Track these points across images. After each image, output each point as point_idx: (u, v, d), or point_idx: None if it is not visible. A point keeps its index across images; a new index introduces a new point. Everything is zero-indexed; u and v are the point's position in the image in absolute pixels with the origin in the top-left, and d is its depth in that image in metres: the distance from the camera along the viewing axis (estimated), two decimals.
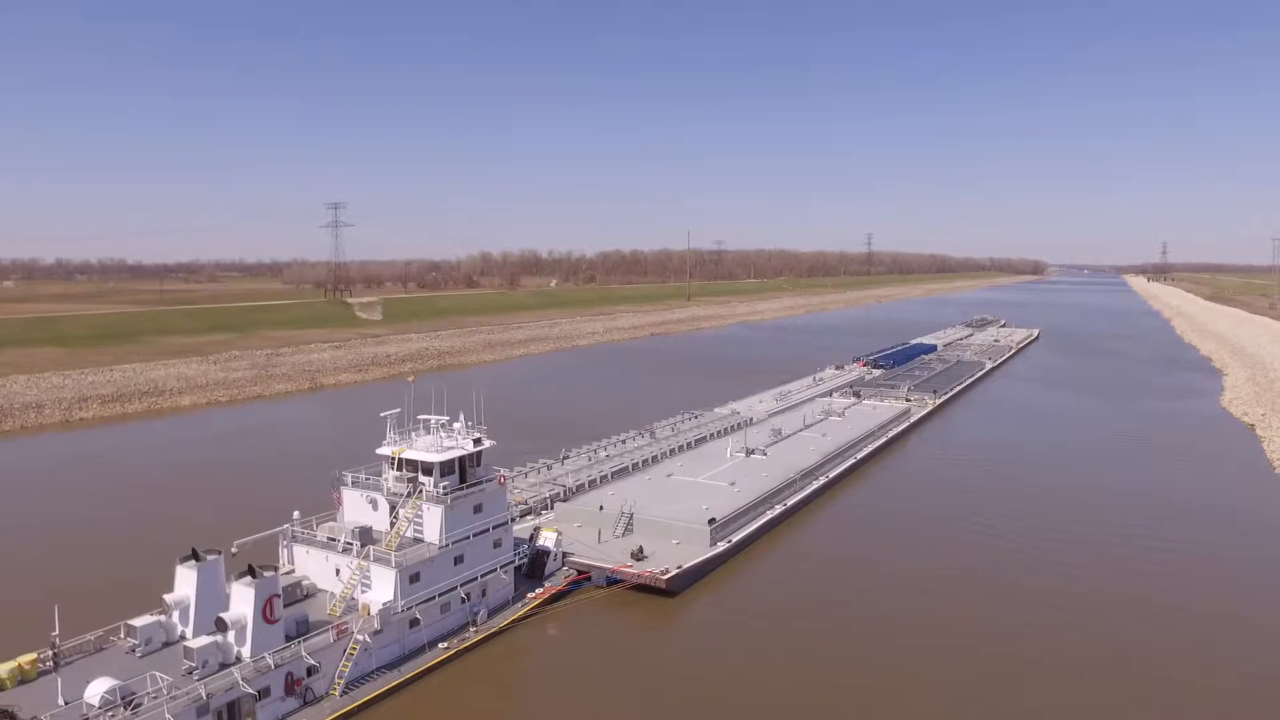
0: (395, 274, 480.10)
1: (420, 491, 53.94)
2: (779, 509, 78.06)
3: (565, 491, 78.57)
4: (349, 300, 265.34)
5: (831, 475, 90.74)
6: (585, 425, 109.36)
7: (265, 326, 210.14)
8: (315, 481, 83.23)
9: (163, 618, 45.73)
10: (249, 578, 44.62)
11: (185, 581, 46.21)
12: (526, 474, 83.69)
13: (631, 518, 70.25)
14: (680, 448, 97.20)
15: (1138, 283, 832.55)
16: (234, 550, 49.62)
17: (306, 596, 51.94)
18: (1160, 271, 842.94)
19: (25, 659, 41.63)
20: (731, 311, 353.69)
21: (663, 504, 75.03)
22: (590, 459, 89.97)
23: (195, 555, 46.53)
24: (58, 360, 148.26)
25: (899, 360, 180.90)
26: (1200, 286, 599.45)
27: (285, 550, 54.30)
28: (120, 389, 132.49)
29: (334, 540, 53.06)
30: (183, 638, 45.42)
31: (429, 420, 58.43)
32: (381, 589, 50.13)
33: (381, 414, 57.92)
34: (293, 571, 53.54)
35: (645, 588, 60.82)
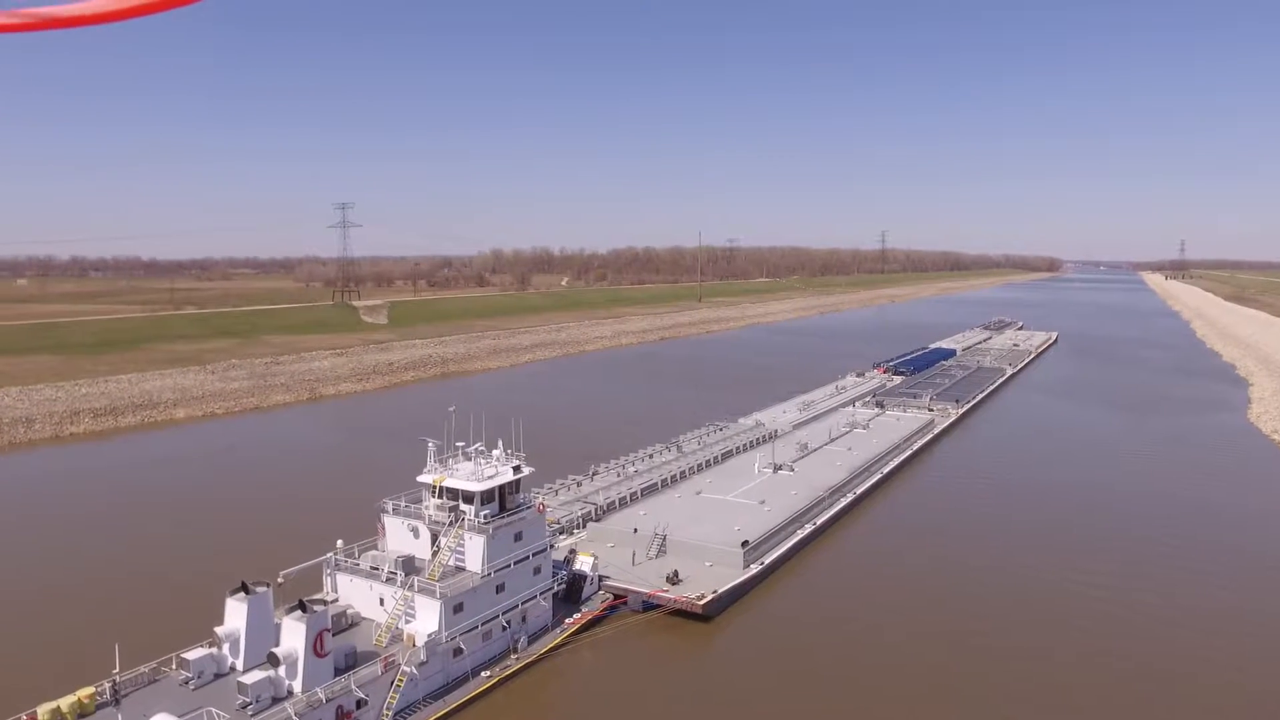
0: (406, 272, 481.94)
1: (462, 520, 54.31)
2: (809, 528, 78.14)
3: (597, 510, 78.89)
4: (354, 304, 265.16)
5: (859, 492, 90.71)
6: (591, 444, 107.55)
7: (268, 331, 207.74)
8: (308, 506, 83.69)
9: (214, 650, 46.31)
10: (300, 612, 45.10)
11: (235, 614, 46.78)
12: (557, 491, 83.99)
13: (665, 539, 70.48)
14: (708, 462, 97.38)
15: (1155, 280, 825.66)
16: (280, 580, 50.25)
17: (352, 625, 52.45)
18: (1178, 269, 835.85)
19: (84, 693, 42.20)
20: (743, 314, 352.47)
21: (695, 524, 75.31)
22: (620, 475, 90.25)
23: (244, 588, 47.08)
24: (54, 369, 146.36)
25: (919, 366, 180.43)
26: (1220, 285, 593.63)
27: (329, 578, 54.82)
28: (114, 401, 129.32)
29: (377, 569, 53.53)
30: (233, 670, 46.02)
31: (468, 448, 58.71)
32: (426, 619, 50.55)
33: (422, 438, 58.34)
34: (337, 600, 54.04)
35: (681, 612, 61.11)
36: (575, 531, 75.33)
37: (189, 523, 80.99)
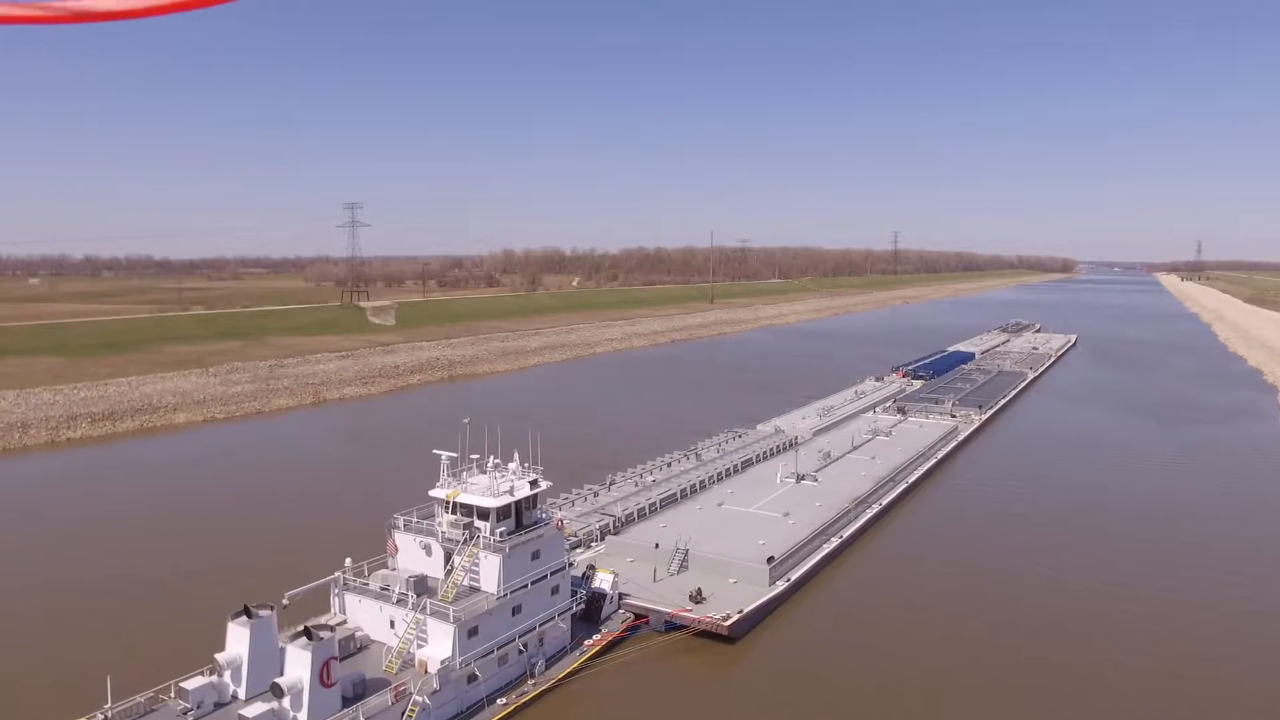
0: (416, 272, 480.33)
1: (477, 539, 51.46)
2: (835, 542, 75.06)
3: (615, 523, 75.95)
4: (362, 305, 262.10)
5: (884, 503, 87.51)
6: (604, 452, 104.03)
7: (274, 333, 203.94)
8: (312, 520, 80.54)
9: (214, 678, 43.56)
10: (305, 639, 42.35)
11: (237, 639, 44.04)
12: (573, 502, 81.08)
13: (687, 554, 67.50)
14: (728, 471, 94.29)
15: (1170, 282, 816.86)
16: (285, 602, 47.52)
17: (361, 649, 49.67)
18: (1194, 270, 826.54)
19: None
20: (755, 315, 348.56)
21: (717, 538, 72.34)
22: (637, 484, 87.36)
23: (247, 611, 44.31)
24: (55, 371, 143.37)
25: (938, 370, 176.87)
26: (1238, 287, 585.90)
27: (337, 599, 52.05)
28: (112, 406, 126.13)
29: (387, 589, 50.74)
30: (235, 698, 43.28)
31: (484, 460, 55.87)
32: (439, 644, 47.69)
33: (435, 451, 55.53)
34: (345, 622, 51.28)
35: (706, 633, 58.15)
36: (593, 545, 72.43)
37: (186, 536, 77.23)
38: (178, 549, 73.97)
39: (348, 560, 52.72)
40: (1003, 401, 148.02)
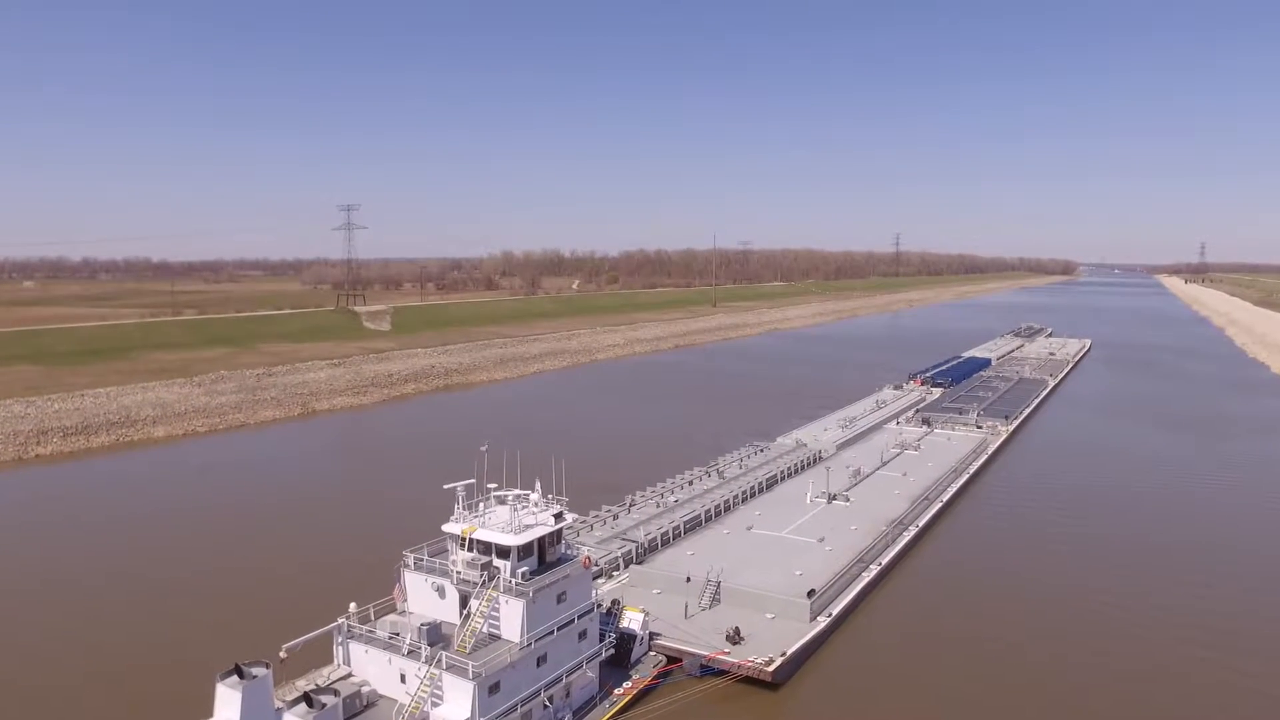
0: (415, 274, 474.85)
1: (497, 581, 45.92)
2: (874, 570, 69.62)
3: (638, 550, 70.41)
4: (357, 309, 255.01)
5: (921, 523, 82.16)
6: (613, 469, 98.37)
7: (265, 339, 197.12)
8: (305, 550, 74.46)
9: None
10: (305, 706, 36.89)
11: (227, 703, 38.46)
12: (591, 526, 75.54)
13: (719, 586, 62.07)
14: (753, 491, 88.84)
15: (1174, 284, 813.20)
16: (282, 655, 41.96)
17: (368, 706, 43.95)
18: (1196, 272, 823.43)
19: None
20: (759, 319, 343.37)
21: (750, 567, 67.00)
22: (659, 505, 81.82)
23: (238, 671, 38.75)
24: (30, 381, 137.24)
25: (956, 377, 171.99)
26: (1244, 289, 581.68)
27: (340, 649, 46.39)
28: (87, 419, 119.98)
29: (397, 638, 45.14)
30: None
31: (503, 492, 50.36)
32: (457, 704, 42.10)
33: (446, 486, 50.00)
34: (349, 675, 45.63)
35: (746, 678, 52.73)
36: (615, 574, 66.90)
37: (161, 574, 69.00)
38: (151, 590, 66.07)
39: (352, 605, 47.04)
40: (1027, 411, 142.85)
